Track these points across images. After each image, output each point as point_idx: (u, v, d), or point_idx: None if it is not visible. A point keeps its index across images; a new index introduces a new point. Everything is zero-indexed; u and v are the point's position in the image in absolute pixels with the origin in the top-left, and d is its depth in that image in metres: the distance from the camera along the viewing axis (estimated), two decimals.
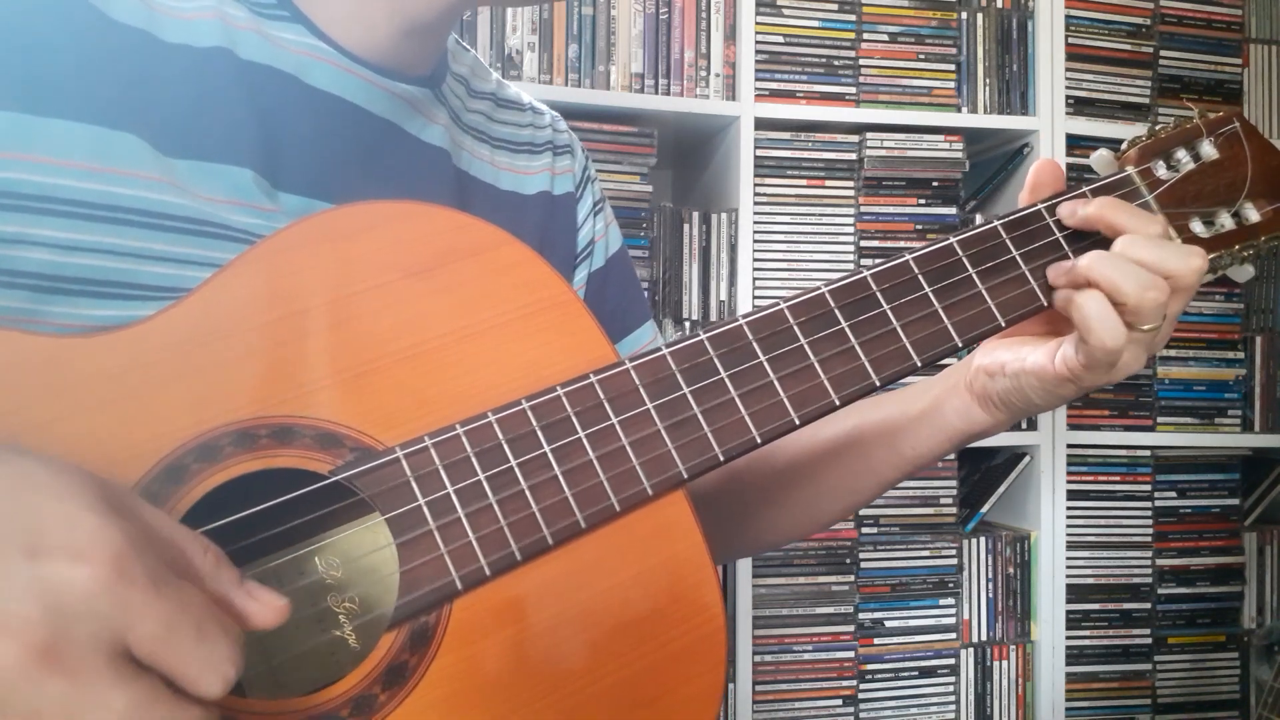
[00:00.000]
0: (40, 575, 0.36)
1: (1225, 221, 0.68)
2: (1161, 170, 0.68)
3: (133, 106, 0.54)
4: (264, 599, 0.43)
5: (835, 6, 1.75)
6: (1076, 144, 1.79)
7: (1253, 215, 0.69)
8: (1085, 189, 0.67)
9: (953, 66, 1.80)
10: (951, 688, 1.77)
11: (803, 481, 0.79)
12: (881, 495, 0.81)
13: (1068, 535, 1.79)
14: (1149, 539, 1.84)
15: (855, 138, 1.74)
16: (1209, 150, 0.69)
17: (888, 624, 1.75)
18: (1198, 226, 0.68)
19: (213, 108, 0.57)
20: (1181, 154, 0.69)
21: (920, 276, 0.62)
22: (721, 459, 0.56)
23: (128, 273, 0.53)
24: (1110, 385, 0.66)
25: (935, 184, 1.77)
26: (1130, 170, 0.68)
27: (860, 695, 1.73)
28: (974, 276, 0.63)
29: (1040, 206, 0.66)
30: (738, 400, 0.57)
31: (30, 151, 0.50)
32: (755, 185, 1.69)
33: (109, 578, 0.36)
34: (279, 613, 0.44)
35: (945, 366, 0.77)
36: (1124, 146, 0.70)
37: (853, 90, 1.76)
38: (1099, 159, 0.70)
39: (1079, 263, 0.63)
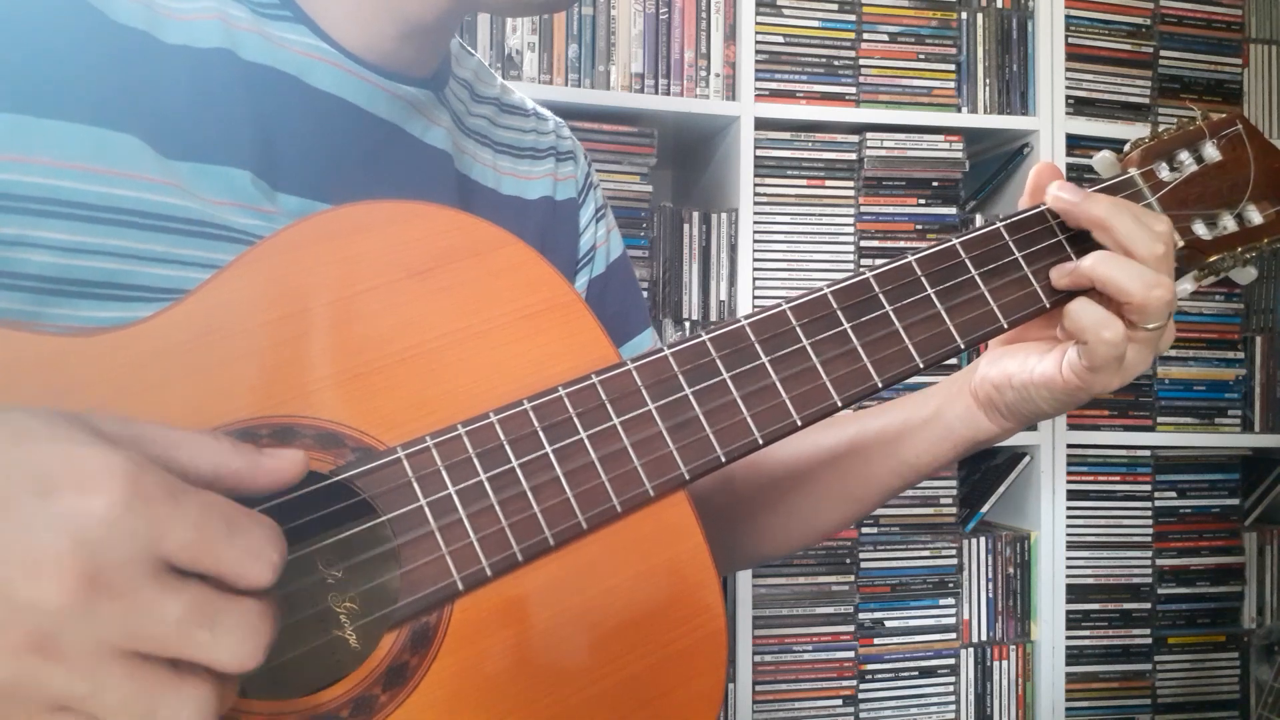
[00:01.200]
0: (58, 513, 0.36)
1: (1228, 223, 0.68)
2: (1164, 172, 0.68)
3: (133, 108, 0.54)
4: (283, 455, 0.45)
5: (835, 6, 1.75)
6: (1076, 144, 1.80)
7: (1255, 217, 0.69)
8: (1088, 190, 0.67)
9: (953, 66, 1.80)
10: (951, 688, 1.77)
11: (801, 489, 0.78)
12: (883, 505, 0.80)
13: (1068, 535, 1.79)
14: (1149, 539, 1.84)
15: (855, 138, 1.74)
16: (1212, 152, 0.68)
17: (888, 624, 1.75)
18: (1200, 228, 0.68)
19: (214, 109, 0.57)
20: (1184, 156, 0.68)
21: (923, 278, 0.62)
22: (724, 460, 0.56)
23: (128, 274, 0.53)
24: (1121, 387, 0.66)
25: (935, 184, 1.78)
26: (1133, 172, 0.68)
27: (860, 695, 1.73)
28: (976, 278, 0.63)
29: (1044, 208, 0.66)
30: (740, 401, 0.57)
31: (30, 153, 0.50)
32: (755, 185, 1.69)
33: (126, 497, 0.37)
34: (300, 464, 0.45)
35: (948, 368, 0.77)
36: (1126, 148, 0.70)
37: (853, 90, 1.76)
38: (1101, 160, 0.70)
39: (1081, 263, 0.63)
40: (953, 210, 1.78)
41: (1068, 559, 1.79)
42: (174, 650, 0.38)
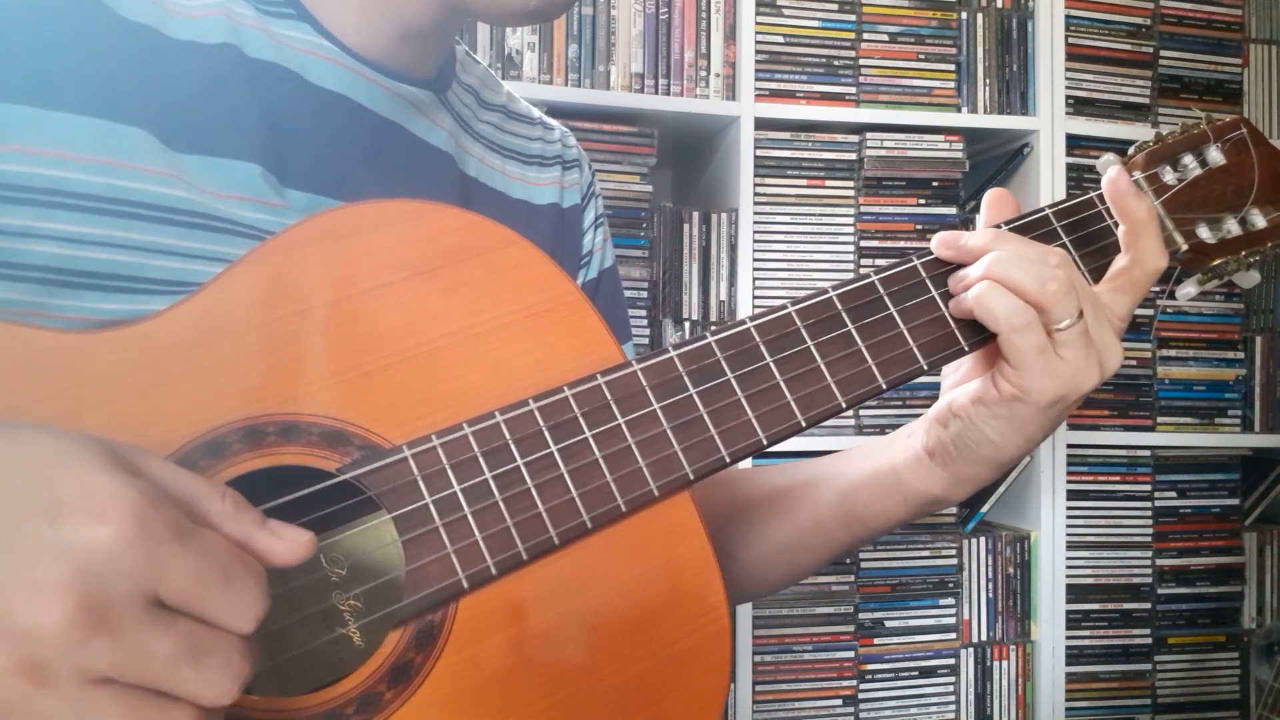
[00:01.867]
0: (66, 539, 0.36)
1: (1231, 227, 0.68)
2: (1169, 176, 0.68)
3: (141, 101, 0.54)
4: (288, 536, 0.44)
5: (835, 6, 1.75)
6: (1076, 144, 1.79)
7: (1259, 221, 0.69)
8: (1092, 194, 0.67)
9: (953, 66, 1.80)
10: (951, 688, 1.77)
11: (745, 528, 0.74)
12: (834, 559, 0.75)
13: (1068, 535, 1.79)
14: (1149, 539, 1.84)
15: (855, 138, 1.74)
16: (1216, 156, 0.69)
17: (888, 624, 1.75)
18: (1204, 232, 0.68)
19: (220, 103, 0.57)
20: (1188, 159, 0.68)
21: (928, 280, 0.62)
22: (728, 460, 0.56)
23: (135, 266, 0.53)
24: (1074, 402, 0.61)
25: (935, 184, 1.78)
26: (1137, 175, 0.68)
27: (860, 695, 1.73)
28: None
29: (1047, 211, 0.66)
30: (744, 402, 0.57)
31: (38, 145, 0.50)
32: (755, 185, 1.69)
33: (132, 534, 0.37)
34: (304, 548, 0.44)
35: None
36: (1131, 152, 0.70)
37: (853, 90, 1.76)
38: (1105, 164, 0.70)
39: (970, 271, 0.60)
40: (953, 210, 1.78)
41: (1068, 559, 1.79)
42: (160, 684, 0.38)
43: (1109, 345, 0.61)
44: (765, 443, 0.57)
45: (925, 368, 0.61)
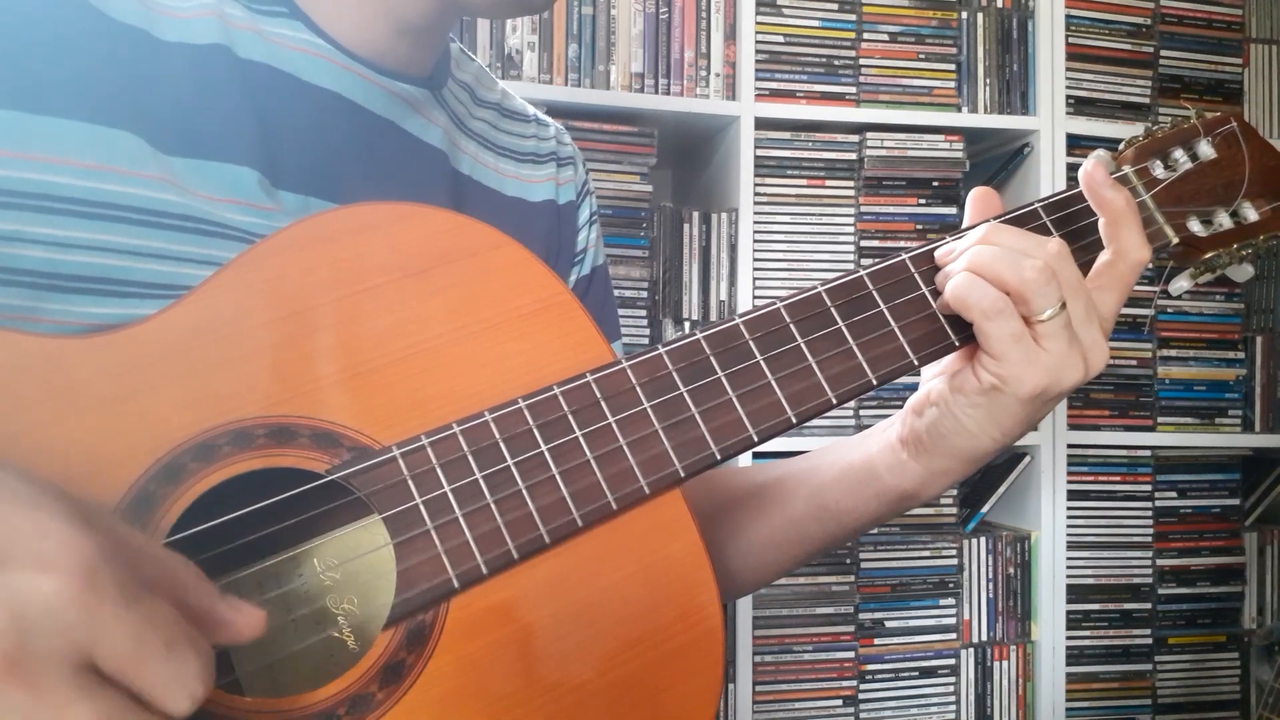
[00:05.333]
0: (7, 584, 0.35)
1: (1223, 221, 0.68)
2: (1159, 170, 0.68)
3: (131, 105, 0.54)
4: (246, 609, 0.43)
5: (835, 6, 1.75)
6: (1077, 144, 1.79)
7: (1251, 214, 0.69)
8: (1037, 204, 0.66)
9: (953, 66, 1.80)
10: (952, 688, 1.77)
11: (720, 526, 0.73)
12: (809, 559, 0.73)
13: (1068, 535, 1.79)
14: (1149, 539, 1.84)
15: (855, 137, 1.74)
16: (1207, 150, 0.69)
17: (888, 624, 1.75)
18: (1195, 226, 0.68)
19: (211, 106, 0.57)
20: (1179, 154, 0.69)
21: (916, 275, 0.62)
22: (719, 458, 0.56)
23: (125, 270, 0.53)
24: (1056, 397, 0.60)
25: (935, 184, 1.77)
26: (1127, 170, 0.68)
27: (860, 695, 1.73)
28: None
29: (1037, 205, 0.66)
30: (734, 399, 0.57)
31: (28, 150, 0.51)
32: (755, 185, 1.69)
33: (77, 589, 0.35)
34: (259, 622, 0.43)
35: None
36: (1121, 146, 0.70)
37: (853, 90, 1.76)
38: (1097, 159, 0.70)
39: (953, 265, 0.60)
40: (953, 210, 1.78)
41: (1068, 559, 1.78)
42: None
43: (1095, 342, 0.59)
44: (756, 439, 0.57)
45: (916, 363, 0.60)
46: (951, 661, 1.77)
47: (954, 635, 1.77)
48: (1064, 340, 0.58)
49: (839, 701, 1.72)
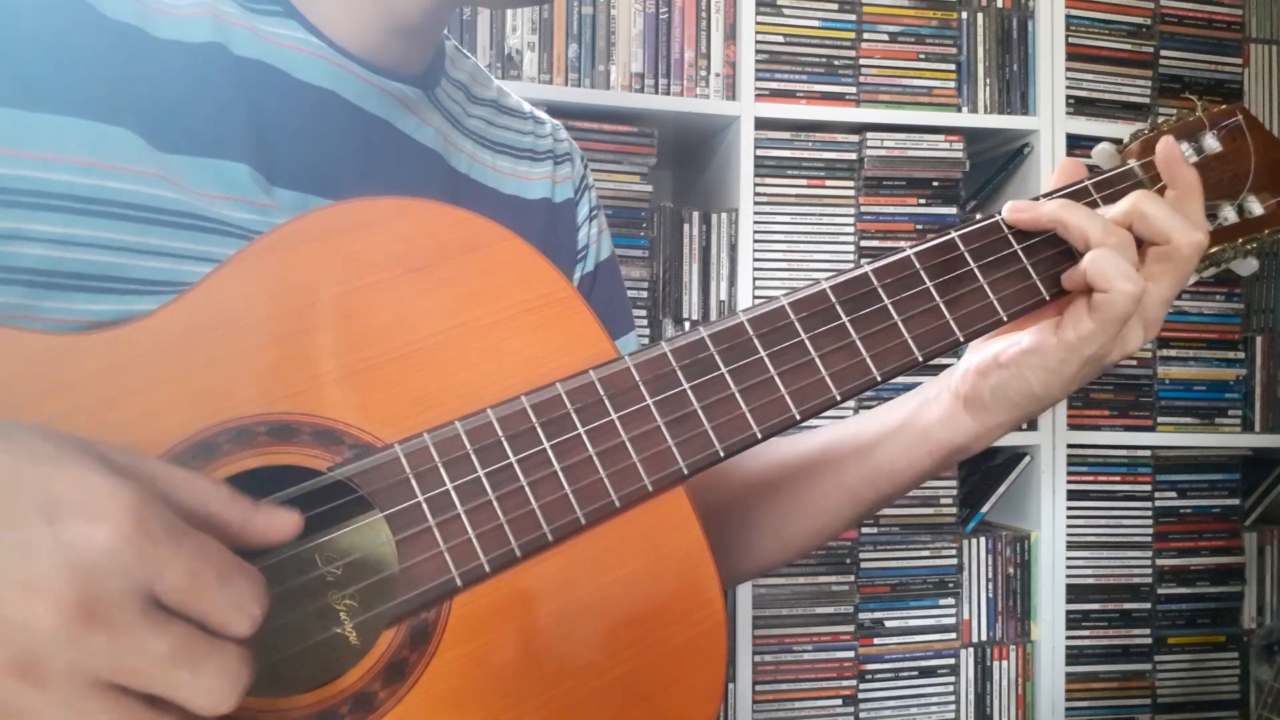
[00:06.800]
0: (62, 538, 0.36)
1: (1228, 214, 0.68)
2: None
3: (126, 102, 0.54)
4: (279, 515, 0.46)
5: (835, 6, 1.75)
6: (1077, 144, 1.79)
7: (1256, 208, 0.69)
8: (1088, 181, 0.67)
9: (953, 66, 1.80)
10: (951, 688, 1.77)
11: (770, 500, 0.75)
12: (860, 521, 0.77)
13: (1068, 535, 1.79)
14: (1149, 539, 1.84)
15: (855, 137, 1.74)
16: (1212, 143, 0.68)
17: (888, 624, 1.75)
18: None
19: (206, 103, 0.57)
20: (1185, 147, 0.68)
21: (922, 271, 0.62)
22: (722, 455, 0.56)
23: (123, 267, 0.53)
24: (1110, 368, 0.65)
25: (935, 184, 1.77)
26: (1133, 163, 0.68)
27: (860, 695, 1.73)
28: (975, 271, 0.63)
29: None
30: (738, 396, 0.57)
31: (24, 147, 0.50)
32: (755, 185, 1.68)
33: (130, 533, 0.37)
34: (296, 524, 0.46)
35: (946, 365, 0.76)
36: (1126, 140, 0.70)
37: (853, 90, 1.76)
38: (1101, 152, 0.70)
39: (1120, 205, 0.64)
40: (953, 210, 1.78)
41: (1068, 559, 1.78)
42: (155, 687, 0.38)
43: (1159, 318, 0.65)
44: (760, 437, 0.57)
45: (921, 360, 0.60)
46: (951, 661, 1.77)
47: (954, 635, 1.77)
48: (1143, 322, 0.64)
49: (839, 701, 1.72)
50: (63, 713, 0.36)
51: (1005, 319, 0.63)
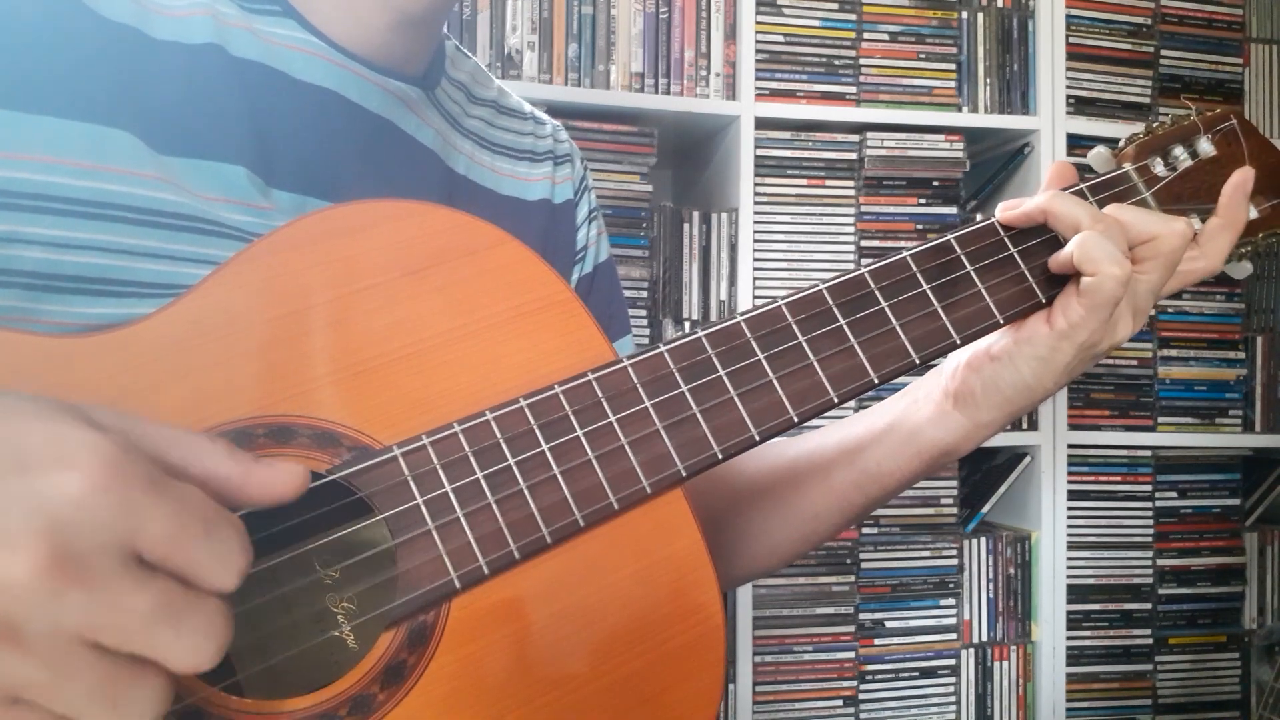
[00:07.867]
0: (34, 489, 0.35)
1: None
2: (1159, 167, 0.68)
3: (125, 104, 0.54)
4: (282, 468, 0.44)
5: (835, 6, 1.75)
6: (1077, 144, 1.79)
7: (1251, 212, 0.69)
8: (1082, 185, 0.67)
9: (953, 66, 1.79)
10: (952, 688, 1.77)
11: (759, 507, 0.75)
12: (851, 525, 0.76)
13: (1068, 535, 1.79)
14: (1149, 539, 1.84)
15: (855, 137, 1.74)
16: (1207, 147, 0.68)
17: (888, 624, 1.75)
18: (1195, 223, 0.68)
19: (205, 105, 0.57)
20: (1179, 151, 0.69)
21: (918, 273, 0.62)
22: (720, 457, 0.56)
23: (122, 270, 0.53)
24: (1101, 357, 0.65)
25: (936, 184, 1.77)
26: (1128, 167, 0.68)
27: (860, 696, 1.73)
28: (972, 274, 0.63)
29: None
30: (736, 398, 0.57)
31: (23, 150, 0.50)
32: (755, 185, 1.68)
33: (106, 480, 0.35)
34: (302, 478, 0.44)
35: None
36: (1121, 143, 0.70)
37: (853, 90, 1.76)
38: (1096, 156, 0.70)
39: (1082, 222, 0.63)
40: (953, 210, 1.78)
41: (1068, 559, 1.78)
42: (137, 645, 0.36)
43: (1147, 307, 0.65)
44: (758, 439, 0.57)
45: (918, 361, 0.60)
46: (952, 662, 1.77)
47: (954, 635, 1.77)
48: (1131, 311, 0.63)
49: (839, 702, 1.72)
50: (45, 674, 0.35)
51: (1002, 321, 0.63)
